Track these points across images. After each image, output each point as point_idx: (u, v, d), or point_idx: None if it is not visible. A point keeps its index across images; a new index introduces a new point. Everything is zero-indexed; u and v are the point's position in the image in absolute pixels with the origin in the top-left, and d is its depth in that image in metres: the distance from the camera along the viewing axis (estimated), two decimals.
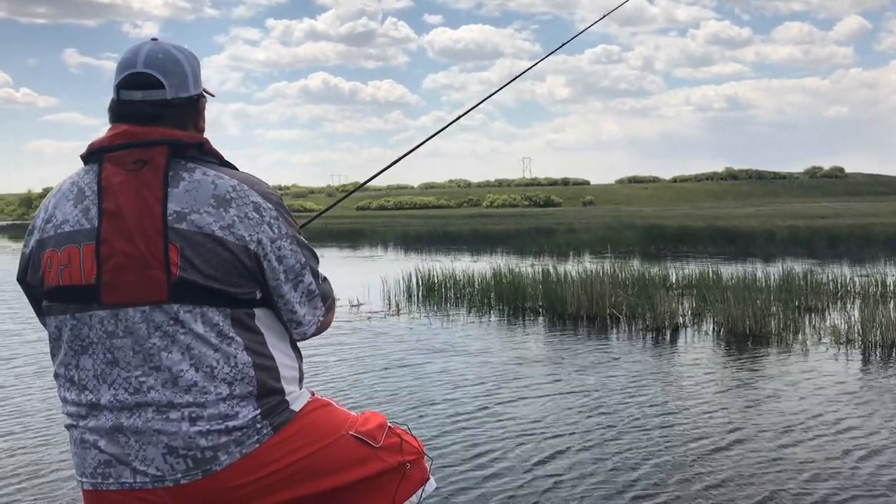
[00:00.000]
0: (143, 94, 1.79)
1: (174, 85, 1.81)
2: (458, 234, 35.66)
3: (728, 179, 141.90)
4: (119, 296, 1.70)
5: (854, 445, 5.27)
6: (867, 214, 42.88)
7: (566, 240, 27.73)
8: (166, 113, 1.80)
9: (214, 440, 1.72)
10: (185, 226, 1.70)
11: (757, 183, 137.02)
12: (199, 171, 1.76)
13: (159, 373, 1.71)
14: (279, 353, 1.86)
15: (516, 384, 7.31)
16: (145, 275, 1.69)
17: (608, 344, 9.42)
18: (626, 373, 7.73)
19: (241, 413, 1.74)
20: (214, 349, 1.72)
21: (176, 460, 1.70)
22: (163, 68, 1.80)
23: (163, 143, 1.73)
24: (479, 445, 5.42)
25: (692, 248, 24.54)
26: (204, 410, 1.71)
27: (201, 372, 1.71)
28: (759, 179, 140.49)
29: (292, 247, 1.82)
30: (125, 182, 1.71)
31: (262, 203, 1.78)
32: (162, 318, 1.70)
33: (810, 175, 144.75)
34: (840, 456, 5.07)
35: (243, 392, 1.75)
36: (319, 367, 8.08)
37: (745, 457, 5.08)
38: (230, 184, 1.77)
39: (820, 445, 5.29)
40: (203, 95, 1.92)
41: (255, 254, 1.75)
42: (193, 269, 1.69)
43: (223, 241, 1.71)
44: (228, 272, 1.73)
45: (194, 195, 1.72)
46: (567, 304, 11.22)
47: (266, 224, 1.77)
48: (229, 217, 1.73)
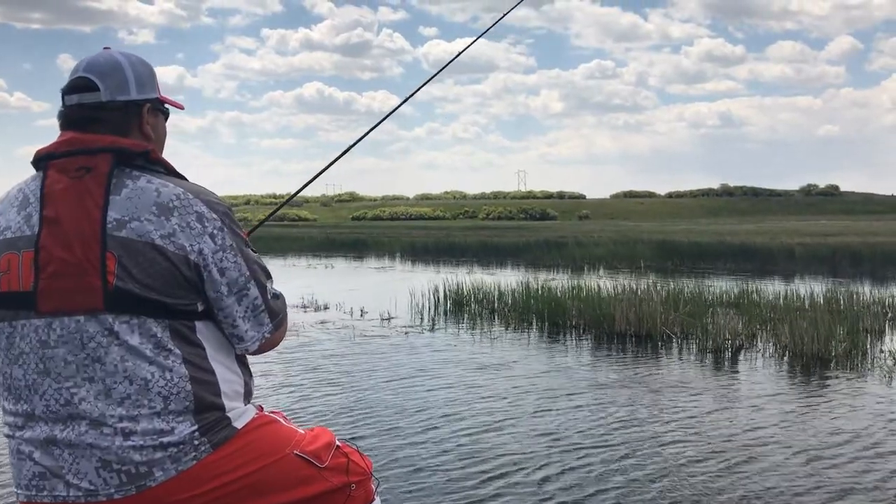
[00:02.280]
0: (79, 97, 1.78)
1: (109, 88, 1.78)
2: (464, 245, 35.21)
3: (723, 196, 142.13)
4: (55, 303, 1.66)
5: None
6: (868, 233, 42.67)
7: (579, 253, 27.31)
8: (102, 116, 1.77)
9: (148, 455, 1.66)
10: (125, 233, 1.65)
11: (753, 200, 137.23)
12: (143, 178, 1.72)
13: (92, 384, 1.66)
14: (221, 367, 1.80)
15: (573, 409, 6.83)
16: (81, 282, 1.65)
17: (664, 366, 8.95)
18: (690, 399, 7.27)
19: (176, 429, 1.69)
20: (149, 361, 1.67)
21: (109, 475, 1.65)
22: (99, 72, 1.79)
23: (107, 151, 1.71)
24: (527, 471, 4.93)
25: (710, 265, 24.13)
26: (137, 425, 1.65)
27: (135, 385, 1.66)
28: (754, 196, 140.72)
29: (236, 259, 1.77)
30: (67, 189, 1.68)
31: (206, 213, 1.73)
32: (96, 327, 1.65)
33: (805, 192, 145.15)
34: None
35: (179, 407, 1.69)
36: (371, 379, 7.58)
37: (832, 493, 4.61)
38: (174, 192, 1.72)
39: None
40: (151, 102, 1.87)
41: (194, 264, 1.70)
42: (131, 278, 1.65)
43: (163, 250, 1.67)
44: (167, 282, 1.68)
45: (136, 203, 1.68)
46: (615, 322, 10.74)
47: (208, 235, 1.72)
48: (170, 226, 1.68)
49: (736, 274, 20.94)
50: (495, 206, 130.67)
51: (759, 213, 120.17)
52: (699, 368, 8.82)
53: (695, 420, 6.50)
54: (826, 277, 19.83)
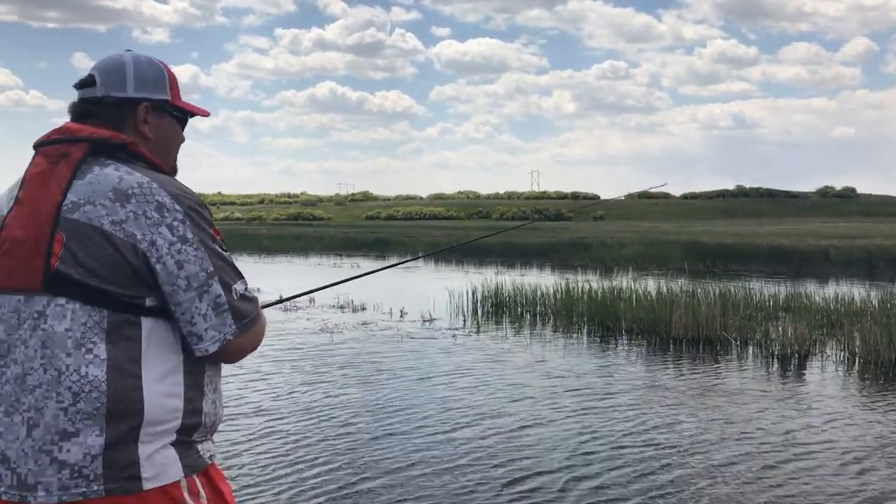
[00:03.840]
0: (80, 92, 1.83)
1: (106, 83, 1.80)
2: (487, 246, 34.92)
3: (739, 197, 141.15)
4: (2, 280, 1.65)
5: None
6: (893, 235, 42.06)
7: (609, 255, 26.93)
8: (96, 110, 1.79)
9: (41, 466, 1.56)
10: (77, 216, 1.62)
11: (769, 201, 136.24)
12: (112, 167, 1.69)
13: (15, 366, 1.60)
14: (154, 373, 1.62)
15: (638, 416, 6.51)
16: (27, 262, 1.62)
17: (729, 373, 8.61)
18: (761, 409, 6.94)
19: (82, 432, 1.56)
20: (68, 353, 1.58)
21: (6, 471, 1.58)
22: (101, 68, 1.82)
23: (86, 140, 1.71)
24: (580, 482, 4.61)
25: (743, 267, 23.72)
26: (42, 417, 1.57)
27: (48, 374, 1.58)
28: (770, 198, 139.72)
29: (197, 253, 1.65)
30: (41, 173, 1.70)
31: (167, 203, 1.64)
32: (30, 308, 1.61)
33: (822, 194, 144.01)
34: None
35: (88, 408, 1.56)
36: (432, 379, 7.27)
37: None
38: (138, 181, 1.66)
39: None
40: (152, 102, 1.84)
41: (143, 254, 1.61)
42: (74, 261, 1.60)
43: (110, 236, 1.60)
44: (112, 270, 1.60)
45: (94, 188, 1.64)
46: (671, 326, 10.40)
47: (165, 226, 1.63)
48: (124, 213, 1.61)
49: (773, 276, 20.54)
50: (509, 207, 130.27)
51: (776, 215, 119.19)
52: (766, 376, 8.47)
53: (770, 431, 6.17)
54: (866, 280, 19.41)
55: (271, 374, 8.25)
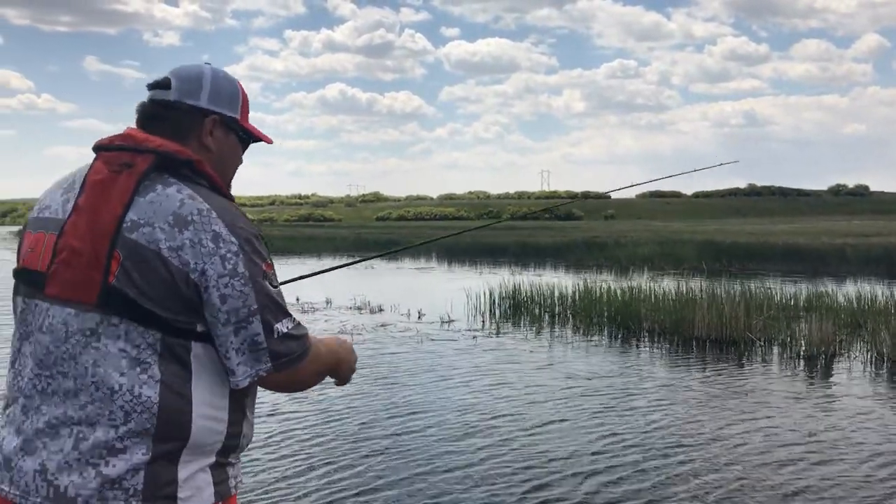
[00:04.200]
0: (152, 93, 1.81)
1: (180, 90, 1.79)
2: (501, 245, 34.82)
3: (751, 196, 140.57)
4: (56, 290, 1.64)
5: None
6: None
7: (624, 254, 26.81)
8: (166, 114, 1.77)
9: (84, 479, 1.56)
10: (135, 236, 1.60)
11: (781, 200, 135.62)
12: (175, 187, 1.65)
13: (65, 380, 1.61)
14: (203, 397, 1.64)
15: (662, 417, 6.41)
16: (83, 274, 1.61)
17: (755, 373, 8.51)
18: (788, 411, 6.83)
19: (129, 448, 1.57)
20: (121, 372, 1.58)
21: (41, 483, 1.58)
22: (178, 74, 1.81)
23: (152, 153, 1.67)
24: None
25: (760, 266, 23.56)
26: (92, 432, 1.57)
27: (101, 391, 1.58)
28: (782, 196, 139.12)
29: (244, 288, 1.62)
30: (102, 182, 1.67)
31: (223, 234, 1.62)
32: (83, 324, 1.61)
33: (834, 192, 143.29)
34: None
35: (138, 427, 1.58)
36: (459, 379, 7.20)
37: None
38: (198, 206, 1.63)
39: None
40: (221, 117, 1.82)
41: (194, 283, 1.60)
42: (130, 281, 1.59)
43: (167, 261, 1.59)
44: (166, 295, 1.60)
45: (155, 208, 1.62)
46: (694, 326, 10.30)
47: (219, 257, 1.61)
48: (181, 239, 1.60)
49: (790, 275, 20.38)
50: (519, 206, 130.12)
51: (789, 213, 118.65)
52: (792, 376, 8.37)
53: (798, 432, 6.07)
54: (885, 279, 19.23)
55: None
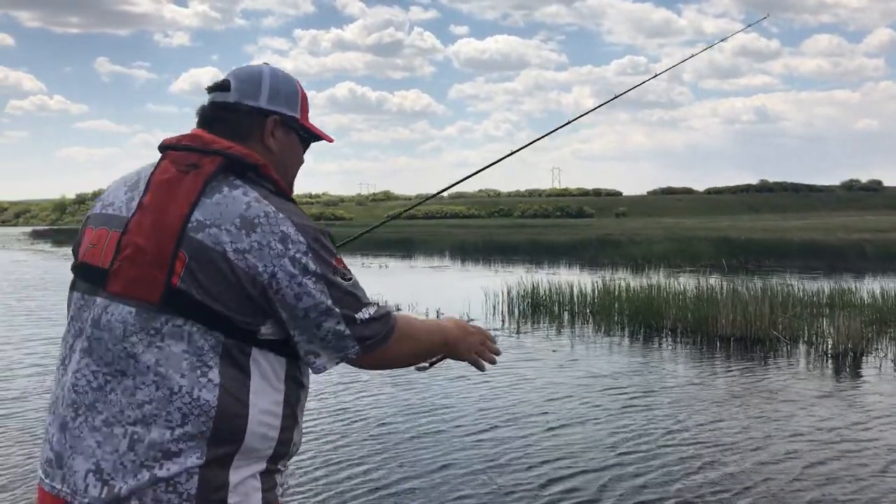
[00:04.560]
0: (213, 95, 1.81)
1: (240, 91, 1.79)
2: (514, 244, 34.74)
3: (763, 192, 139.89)
4: (118, 287, 1.63)
5: None
6: None
7: (639, 252, 26.65)
8: (226, 116, 1.77)
9: (139, 481, 1.55)
10: (201, 237, 1.59)
11: (793, 195, 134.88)
12: (241, 189, 1.65)
13: (123, 378, 1.60)
14: (261, 403, 1.63)
15: (688, 416, 6.32)
16: (147, 273, 1.61)
17: (781, 372, 8.39)
18: (814, 409, 6.72)
19: (184, 452, 1.56)
20: (182, 374, 1.57)
21: (94, 482, 1.57)
22: (237, 75, 1.81)
23: (220, 154, 1.67)
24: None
25: (777, 263, 23.38)
26: (148, 434, 1.56)
27: (161, 391, 1.57)
28: (794, 192, 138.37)
29: (317, 286, 1.61)
30: (169, 181, 1.67)
31: (292, 235, 1.62)
32: (145, 323, 1.60)
33: (847, 188, 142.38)
34: None
35: (194, 430, 1.57)
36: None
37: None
38: (265, 209, 1.63)
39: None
40: (281, 117, 1.82)
41: (263, 286, 1.59)
42: (194, 282, 1.58)
43: (232, 263, 1.58)
44: (230, 296, 1.59)
45: (222, 210, 1.61)
46: (717, 324, 10.19)
47: (288, 258, 1.60)
48: (248, 242, 1.59)
49: (809, 272, 20.20)
50: (530, 204, 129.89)
51: (801, 209, 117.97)
52: (819, 375, 8.26)
53: (827, 432, 5.97)
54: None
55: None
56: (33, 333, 11.22)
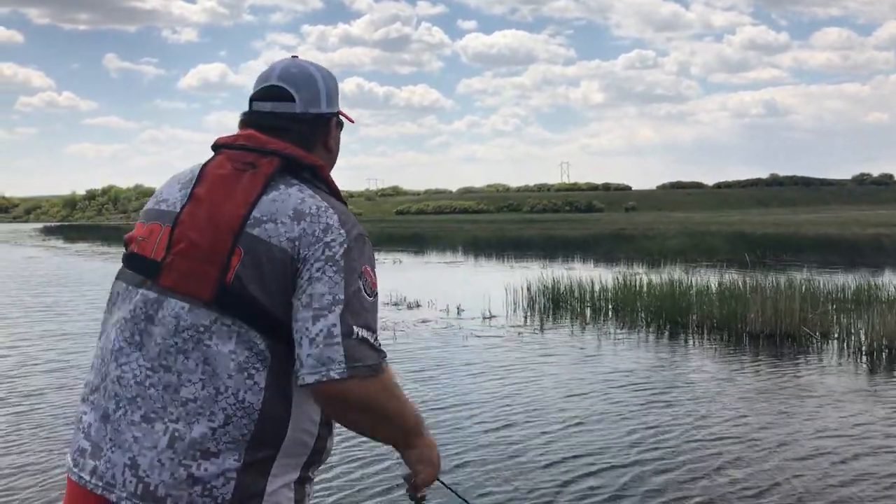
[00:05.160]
0: (272, 105, 1.77)
1: (304, 99, 1.77)
2: (527, 239, 34.60)
3: (773, 186, 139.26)
4: (172, 281, 1.61)
5: None
6: None
7: (654, 247, 26.46)
8: (294, 126, 1.75)
9: (176, 480, 1.53)
10: (257, 232, 1.59)
11: (804, 189, 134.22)
12: (297, 187, 1.66)
13: (167, 374, 1.58)
14: (301, 406, 1.61)
15: (717, 413, 6.17)
16: (201, 269, 1.58)
17: (811, 369, 8.26)
18: (849, 407, 6.57)
19: (222, 454, 1.54)
20: (230, 374, 1.55)
21: (131, 478, 1.55)
22: (295, 82, 1.78)
23: (278, 155, 1.68)
24: None
25: (794, 258, 23.16)
26: (189, 432, 1.54)
27: (206, 391, 1.55)
28: (805, 186, 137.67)
29: (335, 277, 1.56)
30: (225, 177, 1.66)
31: (335, 226, 1.61)
32: (196, 319, 1.58)
33: (858, 182, 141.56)
34: None
35: (236, 433, 1.55)
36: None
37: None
38: (318, 204, 1.63)
39: None
40: (337, 116, 1.85)
41: (297, 269, 1.57)
42: (249, 277, 1.56)
43: (282, 252, 1.57)
44: (282, 292, 1.57)
45: (278, 206, 1.62)
46: (747, 321, 10.02)
47: (323, 243, 1.58)
48: (297, 230, 1.59)
49: (828, 267, 19.99)
50: (539, 199, 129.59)
51: (812, 203, 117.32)
52: (854, 372, 8.11)
53: (859, 430, 5.82)
54: None
55: None
56: (50, 330, 11.16)
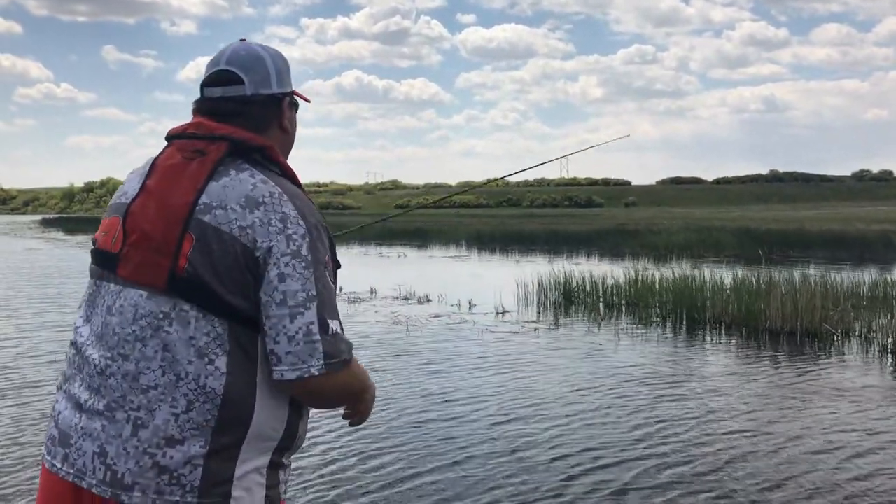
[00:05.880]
0: (222, 90, 1.76)
1: (254, 81, 1.75)
2: (531, 233, 34.43)
3: (773, 182, 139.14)
4: (128, 271, 1.62)
5: None
6: None
7: (660, 242, 26.32)
8: (246, 110, 1.74)
9: (141, 469, 1.54)
10: (208, 218, 1.58)
11: (803, 185, 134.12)
12: (248, 172, 1.65)
13: (125, 362, 1.58)
14: (267, 392, 1.59)
15: (743, 406, 6.03)
16: (154, 258, 1.59)
17: (832, 368, 8.11)
18: (875, 409, 6.41)
19: (187, 440, 1.54)
20: (189, 360, 1.55)
21: (100, 465, 1.56)
22: (243, 65, 1.76)
23: (226, 140, 1.67)
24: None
25: (804, 254, 23.03)
26: (151, 420, 1.55)
27: (167, 377, 1.56)
28: (804, 182, 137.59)
29: (305, 272, 1.56)
30: (174, 167, 1.67)
31: (293, 216, 1.60)
32: (154, 307, 1.58)
33: (858, 178, 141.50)
34: None
35: (199, 418, 1.54)
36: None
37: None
38: (270, 189, 1.62)
39: None
40: (290, 96, 1.83)
41: (257, 262, 1.56)
42: (202, 264, 1.56)
43: (236, 240, 1.57)
44: (235, 278, 1.57)
45: (228, 192, 1.61)
46: (766, 317, 9.87)
47: (285, 236, 1.57)
48: (251, 218, 1.58)
49: (838, 263, 19.85)
50: (539, 194, 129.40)
51: (811, 200, 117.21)
52: (880, 372, 7.95)
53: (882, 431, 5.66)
54: None
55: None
56: (52, 320, 10.99)
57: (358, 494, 4.56)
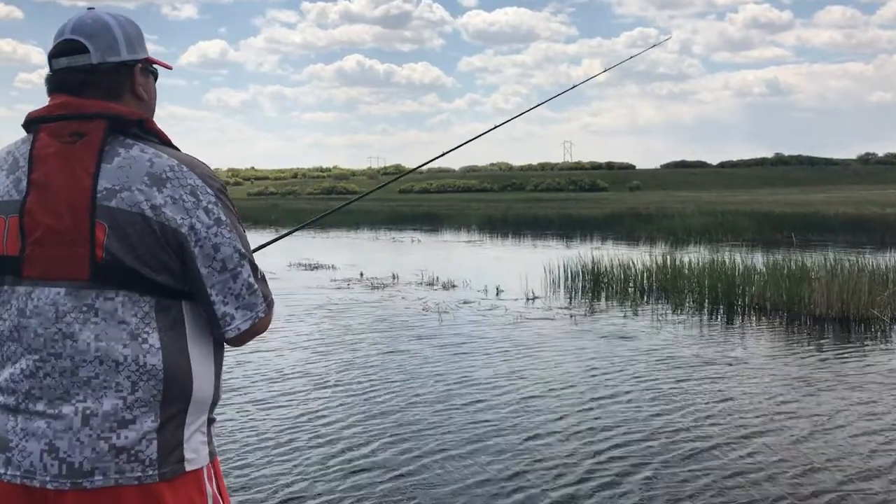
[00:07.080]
0: (67, 60, 1.70)
1: (99, 49, 1.69)
2: (547, 218, 34.18)
3: (778, 165, 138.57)
4: (39, 271, 1.59)
5: None
6: None
7: (677, 226, 26.06)
8: (93, 79, 1.69)
9: (97, 453, 1.56)
10: (115, 203, 1.57)
11: (808, 169, 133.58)
12: (136, 147, 1.64)
13: (58, 360, 1.58)
14: (199, 356, 1.66)
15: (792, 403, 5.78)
16: (69, 252, 1.57)
17: (882, 354, 7.83)
18: None
19: (139, 419, 1.57)
20: (124, 343, 1.57)
21: (52, 461, 1.56)
22: (88, 33, 1.70)
23: (102, 117, 1.63)
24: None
25: (823, 238, 22.74)
26: (100, 407, 1.56)
27: (105, 365, 1.57)
28: (810, 165, 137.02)
29: (231, 235, 1.65)
30: (57, 154, 1.62)
31: (200, 186, 1.63)
32: (75, 302, 1.58)
33: (863, 161, 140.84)
34: None
35: (146, 396, 1.58)
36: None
37: None
38: (168, 163, 1.63)
39: None
40: (141, 63, 1.77)
41: (183, 238, 1.60)
42: (120, 250, 1.57)
43: (151, 221, 1.57)
44: (156, 256, 1.59)
45: (127, 172, 1.60)
46: (810, 303, 9.61)
47: (202, 209, 1.62)
48: (162, 197, 1.59)
49: (860, 247, 19.57)
50: (543, 178, 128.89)
51: (818, 183, 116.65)
52: None
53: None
54: None
55: (371, 355, 7.63)
56: None
57: (350, 489, 4.41)
